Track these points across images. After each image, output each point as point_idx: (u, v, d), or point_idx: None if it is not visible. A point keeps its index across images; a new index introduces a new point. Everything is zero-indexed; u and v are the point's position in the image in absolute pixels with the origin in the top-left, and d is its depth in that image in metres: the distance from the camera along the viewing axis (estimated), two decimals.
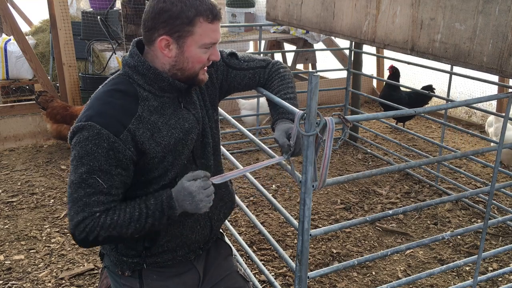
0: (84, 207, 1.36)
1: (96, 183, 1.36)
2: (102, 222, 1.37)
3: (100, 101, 1.42)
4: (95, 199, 1.37)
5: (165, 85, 1.47)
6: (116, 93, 1.43)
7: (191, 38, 1.41)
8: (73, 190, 1.37)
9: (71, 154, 1.41)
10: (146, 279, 1.58)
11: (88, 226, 1.36)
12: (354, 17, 2.53)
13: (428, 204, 1.83)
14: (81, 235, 1.37)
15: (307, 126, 1.35)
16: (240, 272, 1.79)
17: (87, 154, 1.35)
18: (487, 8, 1.80)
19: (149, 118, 1.43)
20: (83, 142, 1.35)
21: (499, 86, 4.60)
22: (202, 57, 1.45)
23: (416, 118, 5.68)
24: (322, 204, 3.59)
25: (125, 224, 1.39)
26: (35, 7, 7.26)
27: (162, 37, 1.40)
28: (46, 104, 4.28)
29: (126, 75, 1.48)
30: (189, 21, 1.38)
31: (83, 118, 1.39)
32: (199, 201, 1.41)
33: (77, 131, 1.38)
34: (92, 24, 5.05)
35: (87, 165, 1.35)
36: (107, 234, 1.38)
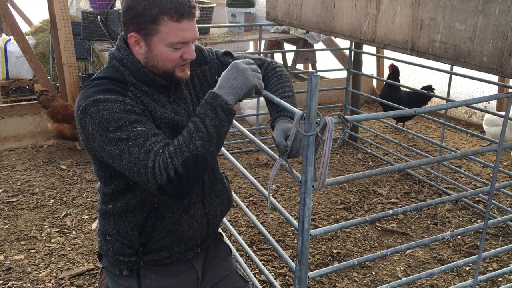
0: (147, 155, 1.29)
1: (138, 132, 1.31)
2: (167, 153, 1.29)
3: (92, 86, 1.40)
4: (149, 143, 1.30)
5: (148, 80, 1.46)
6: (106, 80, 1.42)
7: (157, 36, 1.39)
8: (128, 154, 1.30)
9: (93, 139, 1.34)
10: (144, 279, 1.58)
11: (160, 165, 1.28)
12: (354, 17, 2.53)
13: (428, 204, 1.83)
14: (163, 179, 1.27)
15: (307, 126, 1.35)
16: (240, 272, 1.78)
17: (109, 121, 1.30)
18: (487, 8, 1.80)
19: (142, 98, 1.43)
20: (98, 116, 1.31)
21: (499, 86, 4.61)
22: (171, 55, 1.42)
23: (416, 118, 5.68)
24: (322, 204, 3.59)
25: (187, 140, 1.30)
26: (35, 7, 7.26)
27: (131, 33, 1.41)
28: (47, 103, 4.29)
29: (114, 67, 1.47)
30: (153, 20, 1.36)
31: (82, 101, 1.35)
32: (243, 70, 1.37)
33: (83, 113, 1.34)
34: (92, 24, 5.05)
35: (118, 129, 1.30)
36: (180, 160, 1.27)
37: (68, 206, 3.50)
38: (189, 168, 1.28)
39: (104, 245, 1.60)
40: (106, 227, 1.58)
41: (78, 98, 1.43)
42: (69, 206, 3.50)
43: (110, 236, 1.57)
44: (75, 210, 3.43)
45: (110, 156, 1.34)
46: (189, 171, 1.29)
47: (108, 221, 1.57)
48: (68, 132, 4.33)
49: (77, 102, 1.41)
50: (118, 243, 1.56)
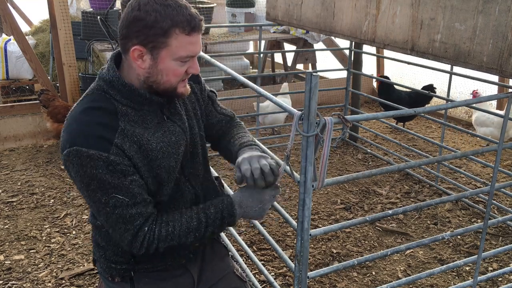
0: (125, 226, 1.33)
1: (118, 200, 1.31)
2: (158, 235, 1.35)
3: (78, 122, 1.35)
4: (129, 215, 1.32)
5: (142, 100, 1.40)
6: (93, 111, 1.35)
7: (166, 50, 1.32)
8: (104, 217, 1.34)
9: (74, 182, 1.37)
10: (138, 283, 1.56)
11: (144, 242, 1.35)
12: (354, 17, 2.53)
13: (428, 204, 1.83)
14: (140, 251, 1.36)
15: (306, 126, 1.35)
16: (237, 273, 1.77)
17: (91, 179, 1.30)
18: (487, 8, 1.80)
19: (134, 131, 1.36)
20: (80, 170, 1.30)
21: (499, 86, 4.61)
22: (178, 70, 1.36)
23: (416, 118, 5.68)
24: (322, 204, 3.59)
25: (183, 234, 1.37)
26: (35, 7, 7.25)
27: (135, 47, 1.32)
28: (48, 103, 4.29)
29: (101, 90, 1.39)
30: (164, 32, 1.29)
31: (67, 144, 1.33)
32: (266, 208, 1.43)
33: (67, 159, 1.32)
34: (92, 24, 5.05)
35: (99, 190, 1.30)
36: (166, 245, 1.37)
37: (68, 206, 3.50)
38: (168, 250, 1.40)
39: (97, 251, 1.59)
40: (97, 237, 1.57)
41: (64, 129, 1.38)
42: (69, 206, 3.50)
43: (102, 245, 1.56)
44: (75, 210, 3.43)
45: (88, 204, 1.39)
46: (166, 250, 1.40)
47: (99, 231, 1.56)
48: None
49: (63, 136, 1.37)
50: (110, 252, 1.54)
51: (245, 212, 1.43)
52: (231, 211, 1.41)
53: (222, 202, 1.43)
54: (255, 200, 1.41)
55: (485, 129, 4.48)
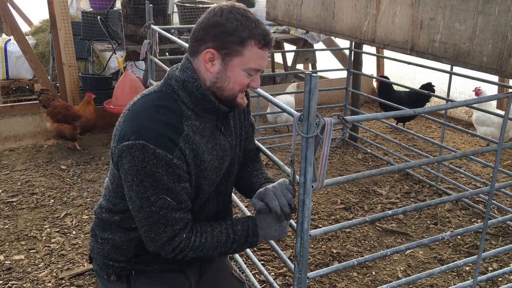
0: (165, 228, 1.35)
1: (166, 202, 1.34)
2: (192, 244, 1.39)
3: (147, 117, 1.35)
4: (172, 218, 1.35)
5: (210, 107, 1.43)
6: (162, 109, 1.37)
7: (238, 59, 1.37)
8: (146, 215, 1.35)
9: (124, 174, 1.36)
10: (135, 283, 1.56)
11: (178, 248, 1.38)
12: (354, 17, 2.53)
13: (428, 204, 1.83)
14: (169, 255, 1.39)
15: (306, 127, 1.34)
16: (235, 274, 1.78)
17: (148, 176, 1.31)
18: (487, 8, 1.80)
19: (194, 138, 1.39)
20: (140, 164, 1.31)
21: (499, 86, 4.61)
22: (243, 80, 1.41)
23: (416, 118, 5.68)
24: (322, 204, 3.59)
25: (212, 247, 1.42)
26: (35, 7, 7.26)
27: (208, 49, 1.36)
28: (48, 103, 4.29)
29: (171, 91, 1.42)
30: (241, 41, 1.35)
31: (131, 136, 1.32)
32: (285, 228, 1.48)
33: (127, 150, 1.32)
34: (92, 24, 5.06)
35: (151, 188, 1.32)
36: (194, 255, 1.41)
37: (68, 206, 3.50)
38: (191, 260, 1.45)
39: (95, 247, 1.58)
40: (101, 231, 1.56)
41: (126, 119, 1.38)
42: (69, 206, 3.50)
43: (103, 239, 1.55)
44: (75, 210, 3.43)
45: (129, 197, 1.38)
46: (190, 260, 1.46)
47: (107, 227, 1.55)
48: (68, 133, 4.33)
49: (125, 126, 1.36)
50: (110, 247, 1.54)
51: (266, 233, 1.48)
52: (255, 231, 1.47)
53: (248, 221, 1.49)
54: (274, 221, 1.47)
55: (486, 129, 4.48)
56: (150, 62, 3.48)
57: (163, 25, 4.75)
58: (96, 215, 1.59)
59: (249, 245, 1.49)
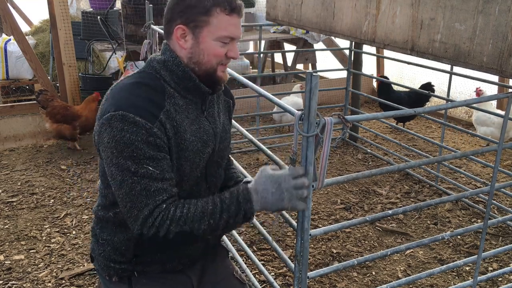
0: (147, 200, 1.29)
1: (148, 171, 1.29)
2: (172, 215, 1.29)
3: (127, 92, 1.36)
4: (154, 188, 1.30)
5: (191, 86, 1.43)
6: (143, 86, 1.38)
7: (207, 29, 1.38)
8: (128, 188, 1.30)
9: (104, 150, 1.33)
10: (136, 285, 1.55)
11: (157, 220, 1.28)
12: (354, 17, 2.53)
13: (428, 204, 1.83)
14: (150, 231, 1.29)
15: (306, 126, 1.34)
16: (236, 275, 1.76)
17: (127, 146, 1.28)
18: (487, 8, 1.80)
19: (175, 116, 1.38)
20: (119, 134, 1.28)
21: (499, 86, 4.61)
22: (218, 50, 1.40)
23: (416, 118, 5.68)
24: (322, 204, 3.59)
25: (197, 218, 1.30)
26: (35, 7, 7.25)
27: (178, 26, 1.39)
28: (47, 103, 4.29)
29: (152, 70, 1.43)
30: (206, 11, 1.36)
31: (111, 108, 1.31)
32: (285, 190, 1.28)
33: (106, 122, 1.30)
34: (92, 24, 5.06)
35: (131, 158, 1.28)
36: (178, 229, 1.29)
37: (68, 206, 3.50)
38: (177, 237, 1.31)
39: (96, 248, 1.57)
40: (101, 231, 1.55)
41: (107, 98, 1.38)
42: (69, 206, 3.50)
43: (103, 241, 1.54)
44: (75, 210, 3.43)
45: (110, 175, 1.34)
46: (175, 239, 1.31)
47: (105, 225, 1.54)
48: (68, 133, 4.33)
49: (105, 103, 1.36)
50: (110, 249, 1.52)
51: (263, 198, 1.31)
52: (247, 196, 1.32)
53: (238, 188, 1.36)
54: (269, 182, 1.31)
55: (486, 129, 4.48)
56: None
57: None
58: (95, 214, 1.59)
59: (243, 214, 1.32)
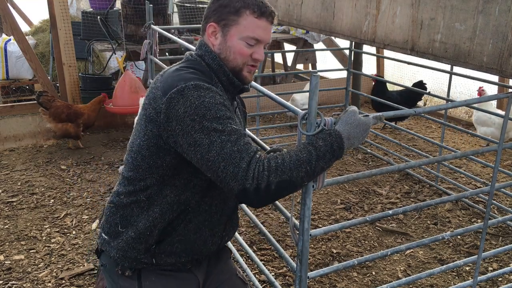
0: (241, 154, 1.27)
1: (233, 128, 1.31)
2: (268, 165, 1.27)
3: (188, 73, 1.41)
4: (243, 142, 1.30)
5: (225, 80, 1.49)
6: (194, 70, 1.44)
7: (235, 28, 1.45)
8: (218, 148, 1.28)
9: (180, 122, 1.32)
10: (145, 281, 1.55)
11: (255, 171, 1.25)
12: (354, 17, 2.53)
13: (428, 204, 1.84)
14: (252, 185, 1.25)
15: (308, 126, 1.35)
16: (239, 275, 1.78)
17: (209, 109, 1.31)
18: (487, 8, 1.80)
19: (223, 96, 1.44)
20: (198, 100, 1.31)
21: (499, 86, 4.61)
22: (243, 49, 1.46)
23: (416, 118, 5.68)
24: (322, 204, 3.59)
25: (293, 166, 1.28)
26: (35, 7, 7.26)
27: (210, 23, 1.47)
28: (49, 104, 4.29)
29: (196, 60, 1.50)
30: (235, 11, 1.43)
31: (179, 82, 1.35)
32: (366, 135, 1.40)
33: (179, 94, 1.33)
34: (92, 24, 5.06)
35: (215, 119, 1.30)
36: (277, 179, 1.26)
37: (68, 206, 3.50)
38: (279, 189, 1.28)
39: (112, 239, 1.54)
40: (122, 219, 1.52)
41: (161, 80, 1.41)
42: (69, 206, 3.50)
43: (124, 228, 1.52)
44: (75, 210, 3.43)
45: (193, 144, 1.31)
46: (278, 191, 1.28)
47: (128, 213, 1.51)
48: (73, 131, 4.36)
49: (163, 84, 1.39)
50: (132, 236, 1.50)
51: (351, 143, 1.36)
52: (341, 144, 1.32)
53: (330, 135, 1.33)
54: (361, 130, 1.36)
55: (486, 129, 4.48)
56: (150, 62, 3.48)
57: (163, 25, 4.76)
58: (114, 204, 1.55)
59: (336, 158, 1.34)
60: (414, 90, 4.41)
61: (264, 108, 5.10)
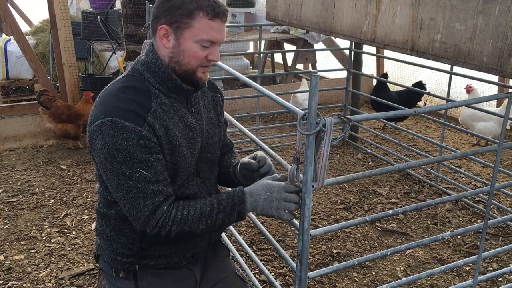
0: (145, 201, 1.35)
1: (141, 175, 1.35)
2: (173, 217, 1.37)
3: (114, 97, 1.39)
4: (150, 191, 1.36)
5: (173, 86, 1.47)
6: (129, 89, 1.42)
7: (189, 31, 1.40)
8: (124, 192, 1.36)
9: (97, 156, 1.38)
10: (141, 281, 1.56)
11: (160, 221, 1.36)
12: (354, 17, 2.53)
13: (428, 204, 1.83)
14: (153, 231, 1.37)
15: (307, 126, 1.35)
16: (238, 273, 1.78)
17: (119, 151, 1.33)
18: (487, 8, 1.80)
19: (162, 115, 1.42)
20: (111, 140, 1.33)
21: (499, 86, 4.61)
22: (198, 52, 1.42)
23: (416, 118, 5.69)
24: (322, 204, 3.59)
25: (196, 219, 1.39)
26: (35, 7, 7.26)
27: (161, 26, 1.41)
28: (49, 104, 4.29)
29: (136, 73, 1.47)
30: (189, 13, 1.38)
31: (101, 115, 1.35)
32: (275, 199, 1.41)
33: (97, 129, 1.35)
34: (92, 24, 5.06)
35: (125, 162, 1.34)
36: (179, 229, 1.38)
37: (68, 206, 3.50)
38: (178, 236, 1.41)
39: (103, 244, 1.59)
40: (105, 228, 1.57)
41: (96, 104, 1.42)
42: (69, 206, 3.50)
43: (108, 237, 1.56)
44: (75, 210, 3.43)
45: (108, 180, 1.39)
46: (176, 238, 1.41)
47: (108, 222, 1.56)
48: (73, 132, 4.36)
49: (95, 110, 1.40)
50: (116, 243, 1.55)
51: (255, 201, 1.43)
52: (242, 198, 1.43)
53: (234, 190, 1.46)
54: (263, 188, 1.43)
55: (484, 124, 4.47)
56: None
57: None
58: (97, 211, 1.61)
59: (237, 214, 1.44)
60: (413, 91, 4.41)
61: (264, 108, 5.10)
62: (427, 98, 5.86)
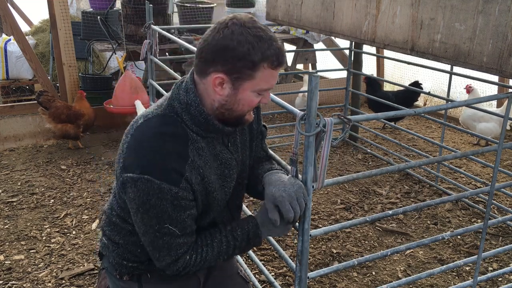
0: (169, 252, 1.38)
1: (169, 231, 1.35)
2: (193, 261, 1.42)
3: (151, 147, 1.32)
4: (175, 244, 1.37)
5: (212, 130, 1.40)
6: (166, 136, 1.34)
7: (250, 82, 1.30)
8: (151, 239, 1.37)
9: (129, 200, 1.36)
10: (146, 283, 1.56)
11: (180, 268, 1.41)
12: (354, 17, 2.53)
13: (428, 204, 1.83)
14: (173, 273, 1.43)
15: (307, 126, 1.35)
16: (241, 273, 1.79)
17: (153, 207, 1.31)
18: (487, 8, 1.80)
19: (199, 163, 1.36)
20: (145, 197, 1.30)
21: (499, 86, 4.61)
22: (254, 100, 1.35)
23: (416, 118, 5.68)
24: (322, 204, 3.59)
25: (213, 258, 1.45)
26: (35, 7, 7.26)
27: (218, 75, 1.29)
28: (49, 104, 4.29)
29: (174, 113, 1.37)
30: (253, 65, 1.27)
31: (136, 169, 1.30)
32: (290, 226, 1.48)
33: (133, 183, 1.30)
34: (92, 24, 5.06)
35: (155, 218, 1.33)
36: (197, 268, 1.44)
37: (68, 206, 3.50)
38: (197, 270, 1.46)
39: (109, 245, 1.56)
40: (114, 234, 1.55)
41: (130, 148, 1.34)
42: (69, 206, 3.50)
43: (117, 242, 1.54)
44: (75, 210, 3.43)
45: (135, 222, 1.40)
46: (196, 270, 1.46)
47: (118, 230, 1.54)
48: (73, 132, 4.36)
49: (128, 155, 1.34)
50: (124, 250, 1.53)
51: (269, 230, 1.47)
52: (256, 232, 1.47)
53: (248, 224, 1.48)
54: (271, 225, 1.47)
55: (485, 124, 4.47)
56: (150, 62, 3.48)
57: (163, 25, 4.76)
58: (107, 216, 1.57)
59: (252, 246, 1.51)
60: (410, 90, 4.40)
61: (264, 108, 5.10)
62: (427, 98, 5.86)
